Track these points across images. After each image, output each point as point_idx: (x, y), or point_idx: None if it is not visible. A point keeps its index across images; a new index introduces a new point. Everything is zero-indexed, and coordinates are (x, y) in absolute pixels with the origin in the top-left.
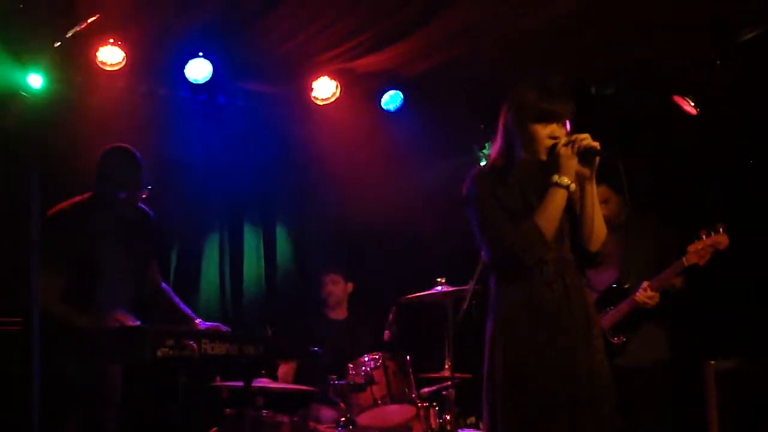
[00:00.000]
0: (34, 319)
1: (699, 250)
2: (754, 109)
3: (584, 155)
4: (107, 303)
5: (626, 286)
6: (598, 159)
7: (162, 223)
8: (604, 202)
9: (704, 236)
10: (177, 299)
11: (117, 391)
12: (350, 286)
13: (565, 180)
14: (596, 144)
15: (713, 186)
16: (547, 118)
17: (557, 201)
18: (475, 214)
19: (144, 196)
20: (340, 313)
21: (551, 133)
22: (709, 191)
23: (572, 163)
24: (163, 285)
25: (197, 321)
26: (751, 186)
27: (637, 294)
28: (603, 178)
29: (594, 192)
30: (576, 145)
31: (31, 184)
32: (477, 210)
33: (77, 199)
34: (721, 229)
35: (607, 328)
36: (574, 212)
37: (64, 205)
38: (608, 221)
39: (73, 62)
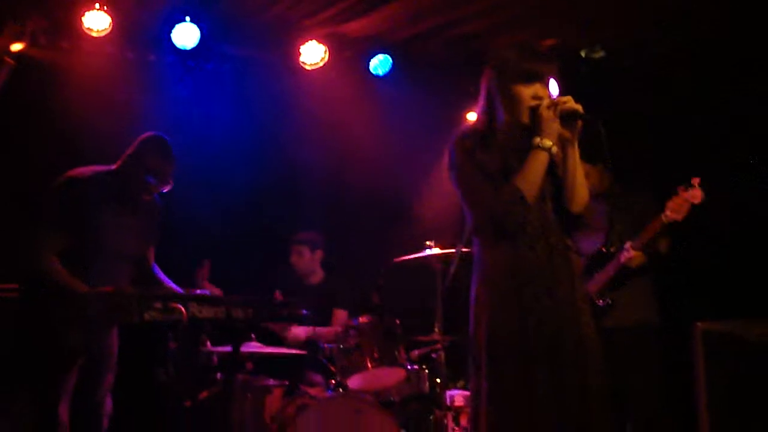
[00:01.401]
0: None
1: (676, 206)
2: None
3: (566, 118)
4: (101, 280)
5: (612, 250)
6: (580, 122)
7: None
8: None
9: (680, 191)
10: (163, 276)
11: (114, 358)
12: (319, 253)
13: (547, 142)
14: (578, 107)
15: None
16: (530, 78)
17: (538, 164)
18: (456, 178)
19: (166, 190)
20: (315, 278)
21: (534, 93)
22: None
23: (554, 126)
24: (155, 267)
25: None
26: (742, 153)
27: (623, 254)
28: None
29: (576, 155)
30: (558, 108)
31: None
32: (458, 174)
33: (99, 168)
34: (695, 183)
35: (593, 292)
36: (556, 174)
37: (84, 170)
38: (590, 191)
39: (59, 27)
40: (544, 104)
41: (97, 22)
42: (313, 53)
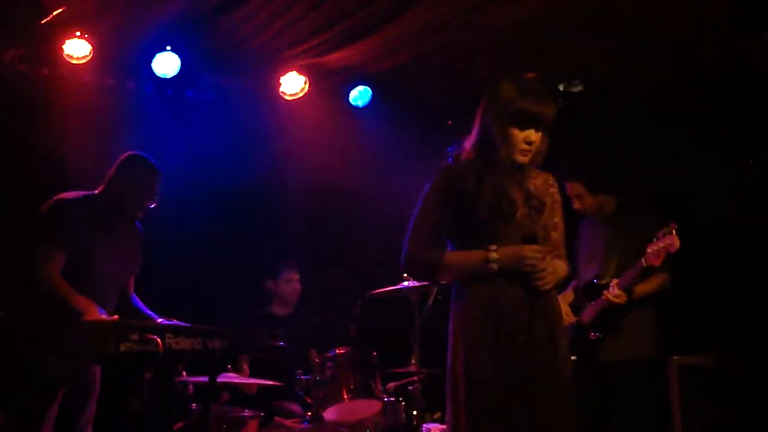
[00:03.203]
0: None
1: (655, 251)
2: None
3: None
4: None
5: (602, 282)
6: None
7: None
8: (577, 197)
9: (660, 236)
10: (141, 304)
11: (96, 388)
12: (300, 286)
13: (493, 255)
14: None
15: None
16: (525, 124)
17: (470, 267)
18: (417, 205)
19: (150, 207)
20: (286, 309)
21: (527, 138)
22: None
23: (538, 179)
24: (133, 296)
25: (159, 321)
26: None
27: (607, 292)
28: (577, 175)
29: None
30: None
31: None
32: (420, 203)
33: (83, 193)
34: (673, 231)
35: (585, 323)
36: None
37: (70, 194)
38: (583, 214)
39: (39, 55)
40: (547, 272)
41: (77, 49)
42: (293, 84)
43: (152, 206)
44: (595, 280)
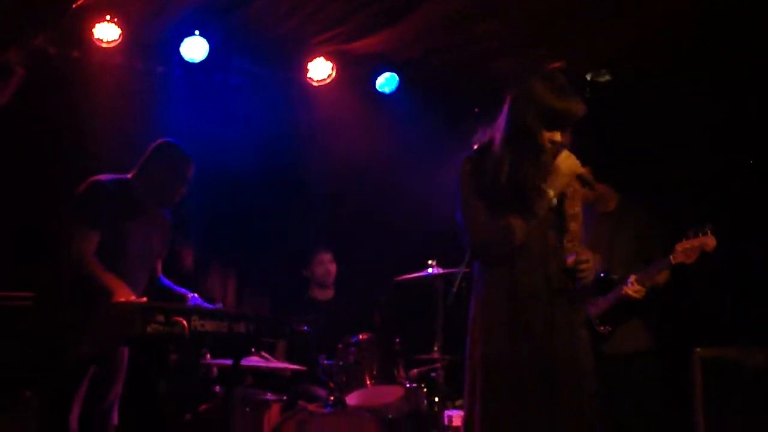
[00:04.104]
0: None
1: (686, 249)
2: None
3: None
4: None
5: (615, 277)
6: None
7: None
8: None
9: (692, 235)
10: (170, 282)
11: (124, 368)
12: (334, 267)
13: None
14: (590, 178)
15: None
16: (554, 123)
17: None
18: (457, 199)
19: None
20: (327, 293)
21: (552, 138)
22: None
23: (563, 180)
24: (162, 277)
25: (189, 296)
26: (737, 181)
27: (625, 287)
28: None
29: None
30: (573, 169)
31: None
32: (458, 197)
33: (117, 176)
34: (708, 231)
35: (594, 317)
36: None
37: (104, 176)
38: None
39: (69, 38)
40: (563, 156)
41: (107, 33)
42: (320, 70)
43: (183, 193)
44: (602, 275)
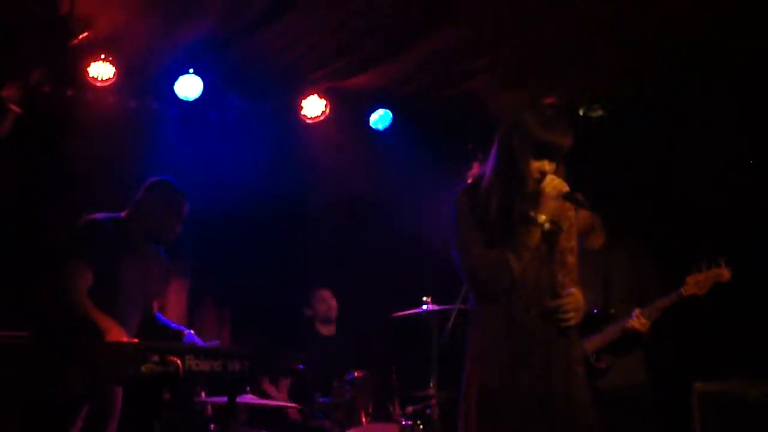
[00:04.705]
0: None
1: (699, 281)
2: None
3: (565, 198)
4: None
5: (611, 312)
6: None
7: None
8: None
9: (704, 267)
10: (165, 319)
11: (118, 407)
12: (335, 302)
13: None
14: (579, 196)
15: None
16: (542, 153)
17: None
18: (452, 234)
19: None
20: (331, 329)
21: (541, 168)
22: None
23: (552, 203)
24: (158, 314)
25: (185, 333)
26: (731, 211)
27: (630, 321)
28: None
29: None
30: (558, 189)
31: None
32: (453, 231)
33: (112, 215)
34: (722, 262)
35: (590, 353)
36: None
37: (99, 216)
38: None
39: (64, 76)
40: (547, 180)
41: (102, 72)
42: (314, 107)
43: (178, 230)
44: (595, 311)
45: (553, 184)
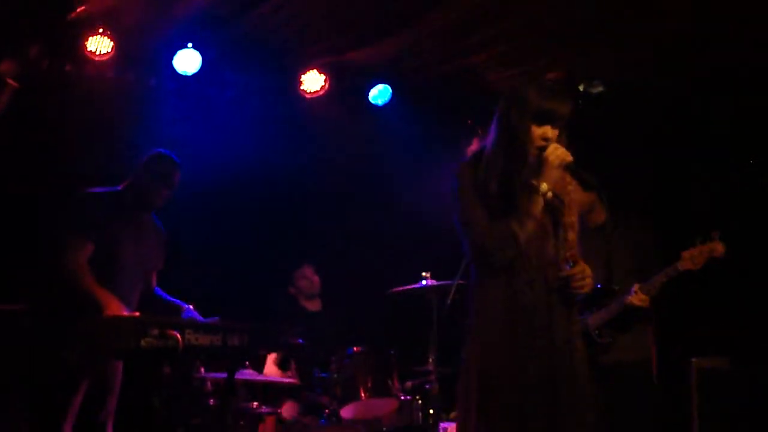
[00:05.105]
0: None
1: (694, 256)
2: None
3: (567, 169)
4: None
5: (615, 288)
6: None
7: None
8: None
9: (699, 243)
10: (164, 294)
11: (118, 381)
12: (317, 279)
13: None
14: (590, 178)
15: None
16: (543, 120)
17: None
18: (455, 207)
19: (167, 195)
20: (315, 305)
21: (543, 134)
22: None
23: (555, 172)
24: (156, 288)
25: (184, 308)
26: (735, 187)
27: (630, 297)
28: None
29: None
30: (562, 159)
31: None
32: (457, 203)
33: (110, 189)
34: (716, 236)
35: (594, 328)
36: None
37: (96, 190)
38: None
39: (61, 51)
40: (550, 149)
41: (99, 46)
42: (313, 82)
43: (168, 195)
44: (599, 285)
45: (557, 153)
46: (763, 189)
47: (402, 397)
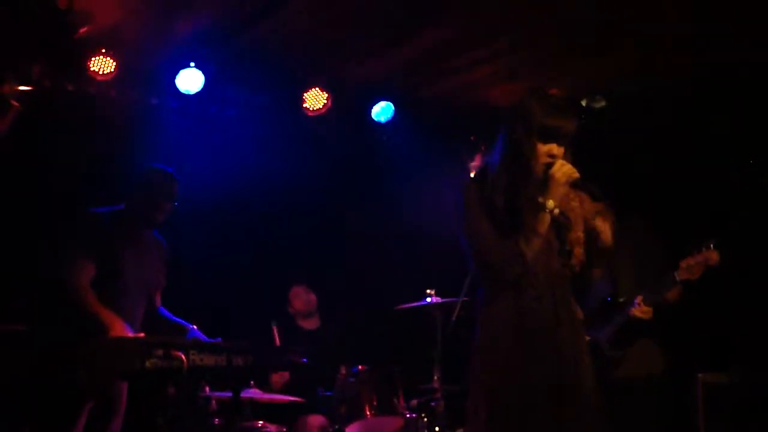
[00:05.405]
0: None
1: (691, 265)
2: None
3: (573, 186)
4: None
5: (621, 300)
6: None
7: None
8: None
9: (695, 252)
10: (169, 314)
11: (123, 402)
12: (314, 297)
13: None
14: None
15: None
16: (548, 137)
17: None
18: (461, 223)
19: (168, 210)
20: (313, 323)
21: (549, 151)
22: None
23: (561, 189)
24: (161, 308)
25: (189, 328)
26: (738, 195)
27: (632, 308)
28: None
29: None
30: (569, 175)
31: None
32: (463, 219)
33: (112, 208)
34: (711, 245)
35: (604, 342)
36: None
37: (98, 209)
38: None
39: (64, 71)
40: (557, 165)
41: (102, 66)
42: (315, 99)
43: (170, 208)
44: (608, 299)
45: (563, 170)
46: (763, 189)
47: (407, 415)
